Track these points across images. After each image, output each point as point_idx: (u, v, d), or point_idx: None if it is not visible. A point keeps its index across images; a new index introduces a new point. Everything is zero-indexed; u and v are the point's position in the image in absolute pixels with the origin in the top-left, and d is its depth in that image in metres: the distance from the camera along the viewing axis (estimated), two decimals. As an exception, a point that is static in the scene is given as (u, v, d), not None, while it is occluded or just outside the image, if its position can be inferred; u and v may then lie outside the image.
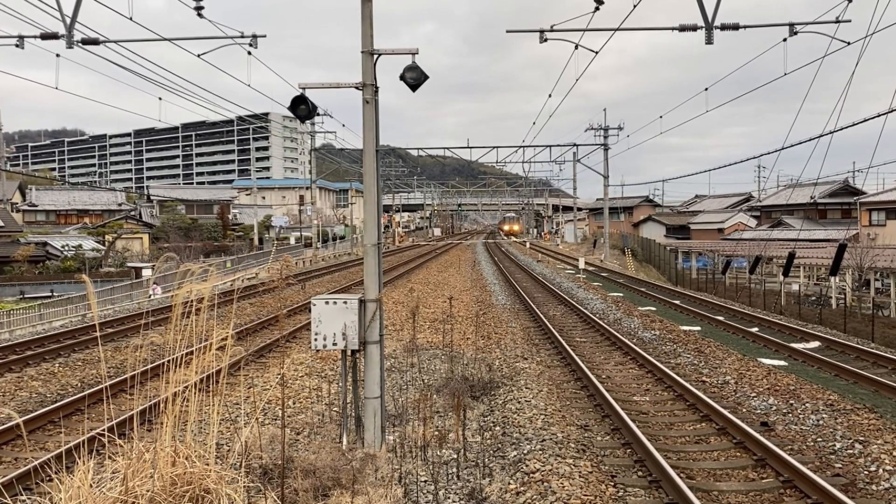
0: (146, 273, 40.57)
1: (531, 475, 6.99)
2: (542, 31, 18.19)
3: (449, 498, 6.63)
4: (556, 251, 57.84)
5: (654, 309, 20.30)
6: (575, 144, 50.55)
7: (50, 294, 41.41)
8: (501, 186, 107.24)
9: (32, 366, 13.46)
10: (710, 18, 17.00)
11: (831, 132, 13.91)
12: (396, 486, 6.59)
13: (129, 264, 50.00)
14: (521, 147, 45.51)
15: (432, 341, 14.78)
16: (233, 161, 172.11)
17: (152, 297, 25.47)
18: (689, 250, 49.00)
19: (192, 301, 5.36)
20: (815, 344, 14.51)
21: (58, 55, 19.31)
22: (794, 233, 46.95)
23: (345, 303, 7.73)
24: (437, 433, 8.18)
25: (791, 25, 17.87)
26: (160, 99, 25.85)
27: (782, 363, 12.48)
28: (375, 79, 7.90)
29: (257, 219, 74.80)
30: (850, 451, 7.82)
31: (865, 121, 17.07)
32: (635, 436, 8.17)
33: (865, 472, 7.23)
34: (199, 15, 16.76)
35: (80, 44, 17.58)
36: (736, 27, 17.60)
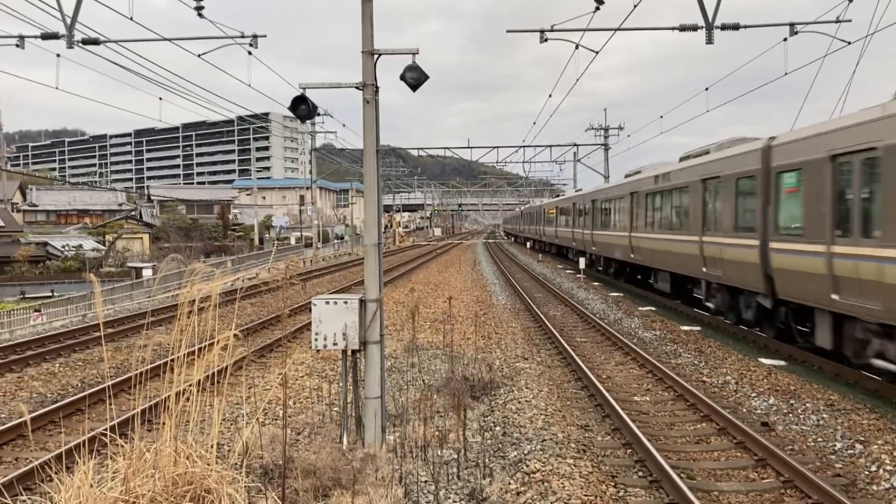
0: (146, 273, 40.58)
1: (531, 475, 6.99)
2: (542, 31, 18.22)
3: (449, 498, 6.62)
4: (557, 251, 57.84)
5: (654, 309, 20.30)
6: (575, 144, 50.54)
7: (50, 294, 41.45)
8: (502, 186, 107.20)
9: (33, 366, 13.48)
10: (710, 18, 17.01)
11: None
12: (397, 487, 6.59)
13: (130, 264, 50.05)
14: (521, 147, 45.60)
15: (432, 341, 14.78)
16: (233, 161, 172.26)
17: (35, 325, 22.06)
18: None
19: (195, 301, 5.36)
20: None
21: (58, 55, 19.35)
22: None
23: (345, 303, 7.73)
24: (437, 433, 8.18)
25: (791, 25, 17.89)
26: (160, 99, 25.95)
27: (782, 363, 12.47)
28: (376, 79, 7.90)
29: (258, 219, 74.84)
30: (851, 452, 7.82)
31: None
32: (636, 436, 8.17)
33: (866, 473, 7.22)
34: (200, 15, 16.78)
35: (80, 44, 17.60)
36: (736, 27, 17.62)
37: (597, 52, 18.34)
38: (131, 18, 17.13)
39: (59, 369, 13.17)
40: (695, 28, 17.39)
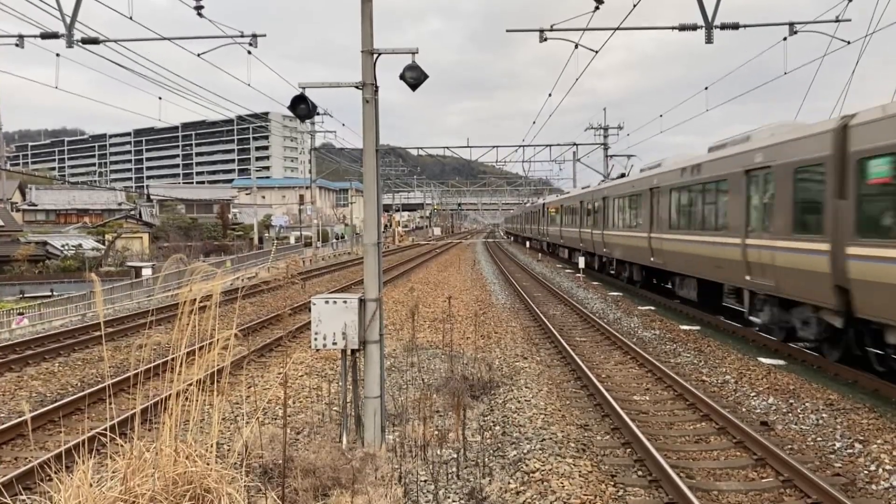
0: (146, 272, 40.54)
1: (531, 475, 6.99)
2: (541, 31, 18.19)
3: (449, 497, 6.63)
4: (556, 250, 57.84)
5: (653, 308, 20.30)
6: (575, 144, 50.51)
7: (50, 293, 41.43)
8: (501, 186, 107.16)
9: (32, 365, 13.47)
10: (709, 18, 17.00)
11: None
12: (396, 486, 6.59)
13: (129, 264, 50.01)
14: (520, 146, 45.61)
15: (432, 341, 14.78)
16: (233, 160, 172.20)
17: (14, 329, 21.03)
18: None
19: (196, 300, 5.37)
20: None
21: (58, 54, 19.34)
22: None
23: (345, 302, 7.73)
24: (436, 433, 8.19)
25: (791, 24, 17.88)
26: (160, 98, 25.93)
27: (781, 362, 12.48)
28: (375, 78, 7.90)
29: (257, 218, 74.78)
30: (850, 451, 7.82)
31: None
32: (635, 435, 8.18)
33: (865, 472, 7.23)
34: (199, 14, 16.77)
35: (79, 43, 17.59)
36: (735, 26, 17.60)
37: (596, 52, 18.32)
38: (131, 18, 17.12)
39: (58, 369, 13.17)
40: (694, 27, 17.37)
